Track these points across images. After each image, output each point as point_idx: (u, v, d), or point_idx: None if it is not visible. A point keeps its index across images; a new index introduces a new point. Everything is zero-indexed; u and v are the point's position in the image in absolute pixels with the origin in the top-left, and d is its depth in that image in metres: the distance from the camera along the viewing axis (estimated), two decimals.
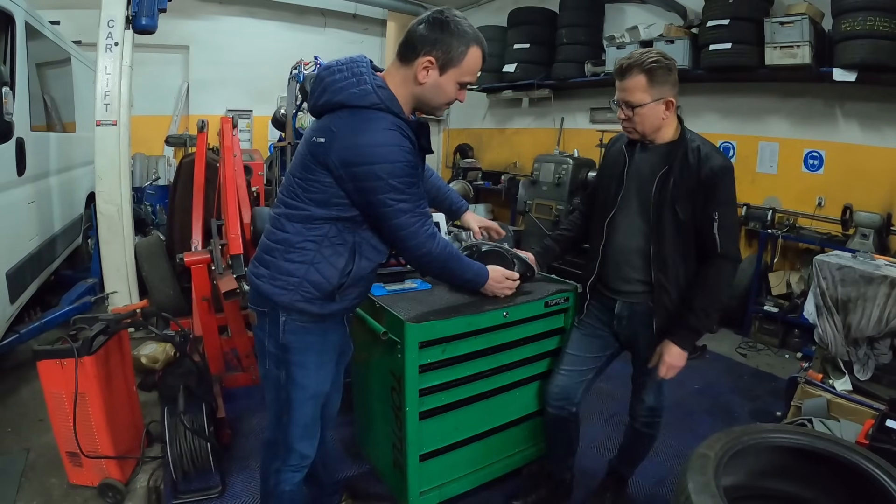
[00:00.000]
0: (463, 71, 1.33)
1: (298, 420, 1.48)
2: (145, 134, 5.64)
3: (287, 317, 1.39)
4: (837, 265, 2.13)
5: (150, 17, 3.22)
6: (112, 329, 1.93)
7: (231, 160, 2.90)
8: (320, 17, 6.74)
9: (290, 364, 1.43)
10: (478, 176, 6.74)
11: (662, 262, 1.62)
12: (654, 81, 1.52)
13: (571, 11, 5.27)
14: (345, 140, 1.28)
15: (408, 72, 1.33)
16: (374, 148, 1.27)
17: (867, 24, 3.19)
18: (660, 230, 1.61)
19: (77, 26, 4.13)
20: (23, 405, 2.58)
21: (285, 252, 1.38)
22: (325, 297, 1.40)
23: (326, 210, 1.34)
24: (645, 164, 1.66)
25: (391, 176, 1.28)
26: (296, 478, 1.56)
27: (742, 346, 3.85)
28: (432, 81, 1.32)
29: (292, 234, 1.38)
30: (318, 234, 1.36)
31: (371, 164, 1.27)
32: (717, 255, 1.57)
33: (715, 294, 1.60)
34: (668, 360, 1.63)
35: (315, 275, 1.37)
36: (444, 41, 1.29)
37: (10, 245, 2.64)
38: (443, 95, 1.36)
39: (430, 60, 1.30)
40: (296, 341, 1.41)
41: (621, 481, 2.08)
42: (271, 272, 1.40)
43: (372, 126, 1.28)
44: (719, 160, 1.55)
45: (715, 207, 1.54)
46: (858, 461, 1.32)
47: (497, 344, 1.83)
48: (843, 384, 2.15)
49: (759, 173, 4.33)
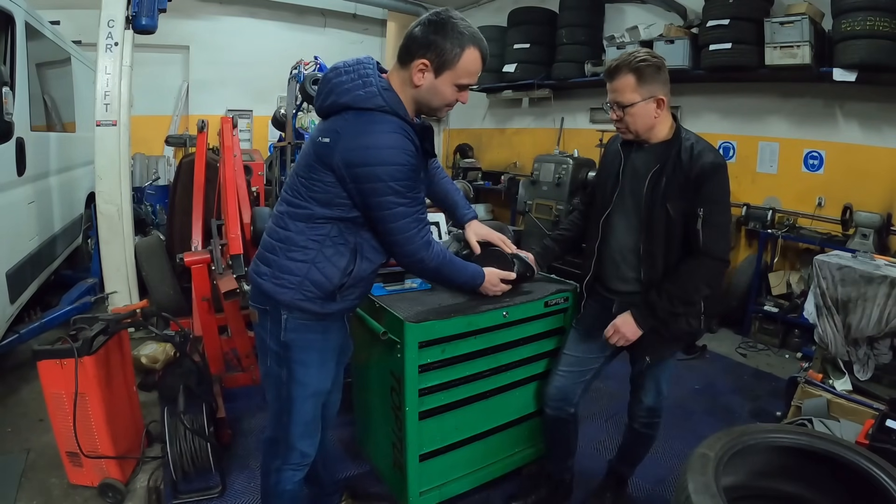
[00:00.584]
0: (459, 73, 1.32)
1: (299, 418, 1.49)
2: (145, 134, 5.64)
3: (289, 314, 1.40)
4: (837, 265, 2.13)
5: (150, 17, 3.22)
6: (112, 329, 1.93)
7: (231, 160, 2.90)
8: (320, 17, 6.74)
9: (292, 362, 1.43)
10: (478, 176, 6.74)
11: (652, 258, 1.63)
12: (644, 80, 1.53)
13: (571, 11, 5.27)
14: (349, 141, 1.29)
15: (405, 74, 1.34)
16: (377, 150, 1.28)
17: (867, 24, 3.19)
18: (650, 228, 1.61)
19: (77, 26, 4.13)
20: (23, 405, 2.58)
21: (287, 250, 1.39)
22: (327, 297, 1.40)
23: (329, 210, 1.35)
24: (640, 163, 1.66)
25: (392, 178, 1.28)
26: (296, 476, 1.56)
27: (742, 346, 3.85)
28: (428, 84, 1.32)
29: (295, 233, 1.38)
30: (321, 233, 1.37)
31: (373, 166, 1.28)
32: (699, 251, 1.56)
33: (683, 285, 1.59)
34: (619, 323, 1.65)
35: (317, 274, 1.38)
36: (437, 43, 1.28)
37: (10, 245, 2.64)
38: (440, 98, 1.36)
39: (424, 63, 1.30)
40: (297, 339, 1.42)
41: (621, 481, 2.08)
42: (273, 270, 1.40)
43: (376, 128, 1.29)
44: (711, 157, 1.55)
45: (701, 203, 1.53)
46: (858, 461, 1.32)
47: (497, 344, 1.83)
48: (843, 384, 2.15)
49: (759, 173, 4.33)
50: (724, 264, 1.62)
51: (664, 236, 1.60)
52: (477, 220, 1.88)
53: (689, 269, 1.59)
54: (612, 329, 1.67)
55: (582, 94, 5.71)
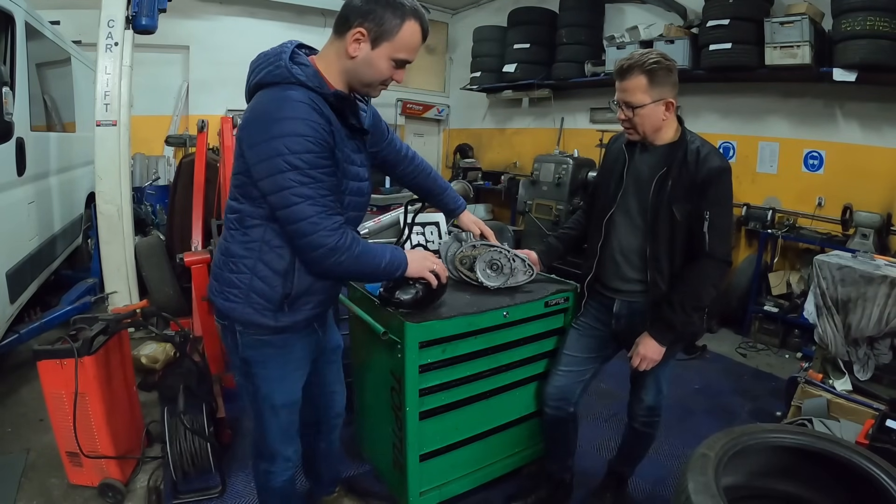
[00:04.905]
0: (397, 46, 1.22)
1: (274, 427, 1.47)
2: (145, 134, 5.63)
3: (243, 330, 1.34)
4: (837, 265, 2.13)
5: (150, 17, 3.21)
6: (112, 329, 1.93)
7: (231, 160, 2.90)
8: (320, 17, 6.73)
9: (254, 377, 1.39)
10: (478, 176, 6.74)
11: (657, 261, 1.63)
12: (655, 82, 1.52)
13: (571, 11, 5.28)
14: (248, 116, 1.21)
15: (340, 46, 1.23)
16: (275, 122, 1.16)
17: (867, 24, 3.19)
18: (655, 230, 1.61)
19: (77, 26, 4.13)
20: (23, 405, 2.58)
21: (227, 263, 1.33)
22: (276, 308, 1.31)
23: (255, 207, 1.25)
24: (644, 164, 1.66)
25: (291, 151, 1.14)
26: (285, 475, 1.56)
27: (742, 346, 3.85)
28: (363, 55, 1.22)
29: (231, 243, 1.32)
30: (255, 238, 1.28)
31: (270, 140, 1.15)
32: (705, 253, 1.57)
33: (694, 291, 1.60)
34: (641, 350, 1.66)
35: (258, 283, 1.29)
36: (377, 12, 1.19)
37: (10, 245, 2.64)
38: (375, 72, 1.25)
39: (361, 32, 1.20)
40: (254, 355, 1.37)
41: (621, 481, 2.08)
42: (220, 285, 1.35)
43: (276, 98, 1.18)
44: (717, 162, 1.55)
45: (707, 206, 1.55)
46: (858, 461, 1.32)
47: (497, 344, 1.83)
48: (843, 384, 2.15)
49: (759, 173, 4.33)
50: (727, 265, 1.63)
51: (669, 239, 1.61)
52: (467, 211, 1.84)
53: (696, 274, 1.60)
54: (638, 357, 1.67)
55: (582, 94, 5.72)
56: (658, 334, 1.64)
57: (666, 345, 1.65)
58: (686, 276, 1.61)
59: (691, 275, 1.60)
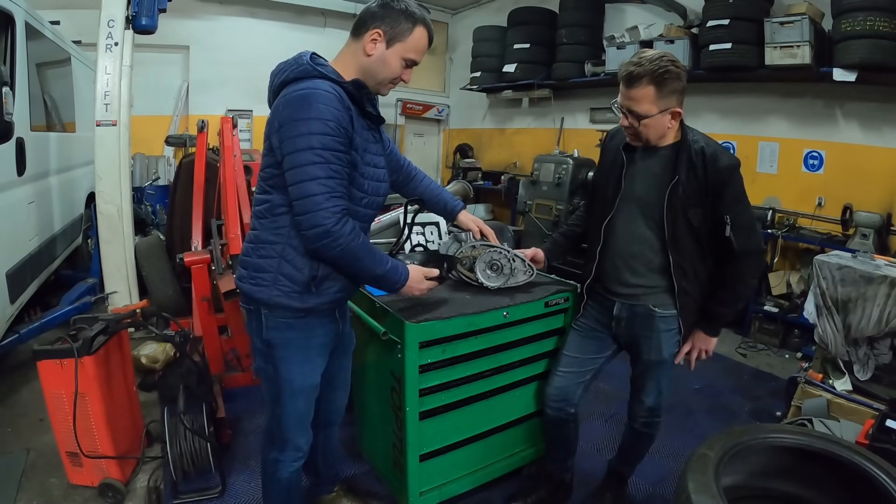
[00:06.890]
0: (408, 47, 1.38)
1: (290, 413, 1.51)
2: (145, 134, 5.63)
3: (269, 312, 1.41)
4: (837, 265, 2.13)
5: (150, 17, 3.22)
6: (112, 329, 1.93)
7: (231, 160, 2.91)
8: (320, 17, 6.73)
9: (275, 359, 1.45)
10: (478, 176, 6.75)
11: (682, 269, 1.62)
12: (663, 92, 1.47)
13: (571, 11, 5.28)
14: (280, 102, 1.32)
15: (357, 45, 1.38)
16: (304, 106, 1.27)
17: (867, 24, 3.19)
18: (676, 241, 1.59)
19: (77, 26, 4.13)
20: (23, 405, 2.58)
21: (258, 249, 1.42)
22: (303, 290, 1.40)
23: (283, 195, 1.35)
24: (646, 168, 1.63)
25: (312, 133, 1.25)
26: (294, 466, 1.58)
27: (742, 346, 3.85)
28: (378, 54, 1.37)
29: (261, 231, 1.41)
30: (284, 224, 1.37)
31: (298, 121, 1.26)
32: (735, 254, 1.58)
33: (734, 290, 1.66)
34: (697, 343, 1.73)
35: (287, 267, 1.38)
36: (392, 17, 1.35)
37: (10, 245, 2.64)
38: (388, 69, 1.39)
39: (378, 33, 1.35)
40: (278, 337, 1.43)
41: (621, 481, 2.08)
42: (249, 272, 1.43)
43: (306, 87, 1.30)
44: (725, 160, 1.54)
45: (725, 210, 1.54)
46: (858, 461, 1.32)
47: (497, 344, 1.82)
48: (843, 384, 2.15)
49: (759, 173, 4.33)
50: (761, 254, 1.67)
51: (691, 246, 1.60)
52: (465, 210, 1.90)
53: (735, 273, 1.63)
54: (695, 351, 1.75)
55: (582, 94, 5.72)
56: (707, 327, 1.72)
57: (716, 334, 1.74)
58: (724, 277, 1.63)
59: (728, 276, 1.63)
